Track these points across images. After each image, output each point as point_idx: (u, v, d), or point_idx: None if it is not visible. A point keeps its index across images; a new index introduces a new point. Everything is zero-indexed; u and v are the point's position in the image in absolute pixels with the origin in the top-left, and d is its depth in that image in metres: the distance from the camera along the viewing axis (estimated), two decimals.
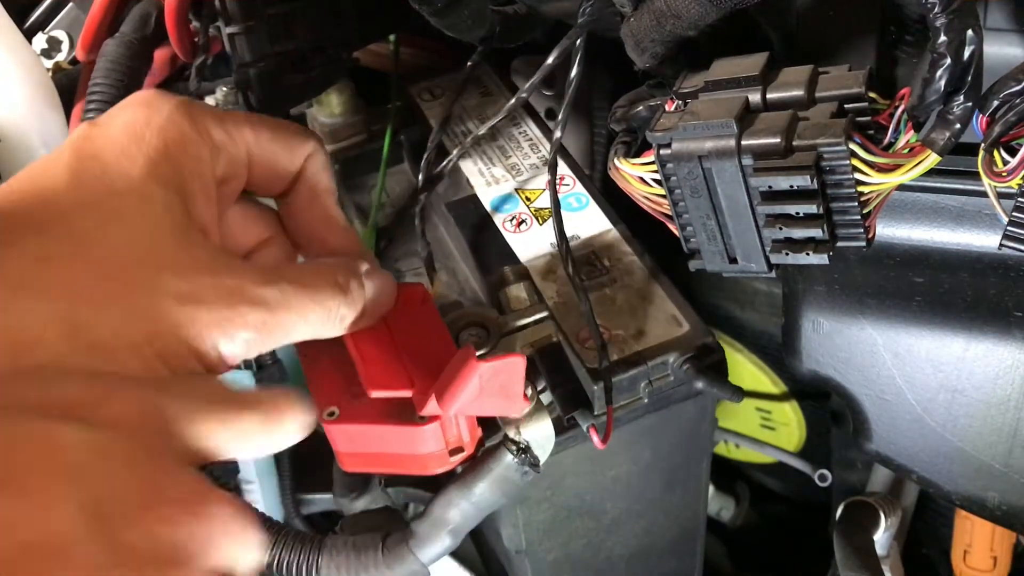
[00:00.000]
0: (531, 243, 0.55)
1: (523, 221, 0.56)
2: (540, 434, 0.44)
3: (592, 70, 0.63)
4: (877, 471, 0.69)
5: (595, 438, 0.45)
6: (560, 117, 0.51)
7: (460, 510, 0.43)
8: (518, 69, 0.71)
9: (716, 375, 0.47)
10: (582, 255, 0.53)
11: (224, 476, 0.68)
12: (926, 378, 0.52)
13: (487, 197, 0.58)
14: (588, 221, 0.55)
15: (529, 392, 0.43)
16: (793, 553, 0.88)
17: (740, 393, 0.46)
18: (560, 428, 0.45)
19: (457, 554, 0.67)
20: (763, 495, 0.92)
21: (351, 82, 0.68)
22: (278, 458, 0.74)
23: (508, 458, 0.43)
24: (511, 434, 0.43)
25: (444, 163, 0.57)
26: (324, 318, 0.37)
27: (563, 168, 0.59)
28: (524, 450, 0.43)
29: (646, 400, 0.48)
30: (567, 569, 0.58)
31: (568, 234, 0.53)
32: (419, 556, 0.43)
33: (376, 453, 0.42)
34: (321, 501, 0.86)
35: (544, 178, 0.56)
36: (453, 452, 0.42)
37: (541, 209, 0.56)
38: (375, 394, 0.40)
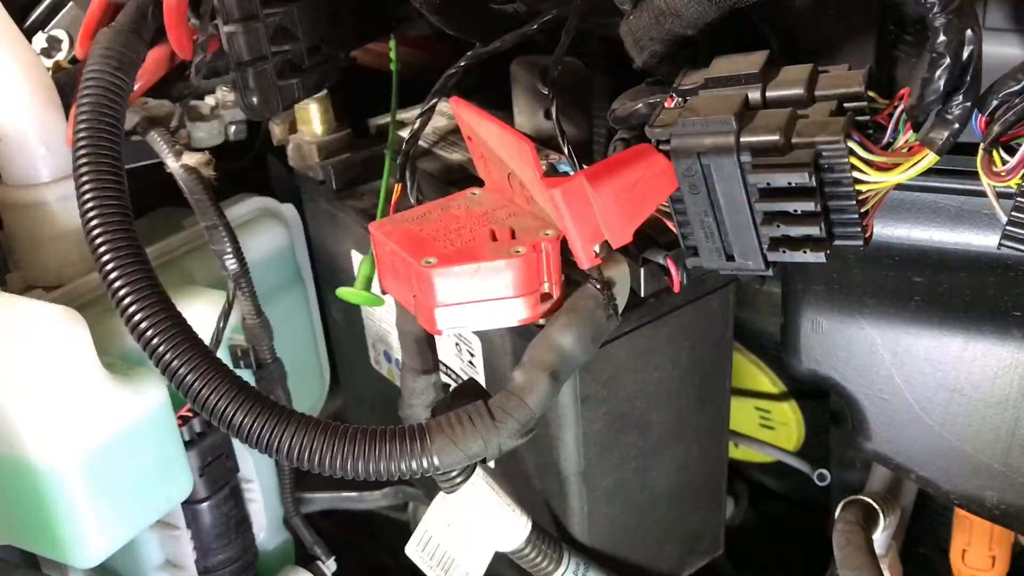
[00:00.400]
0: None
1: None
2: (619, 274, 0.46)
3: (591, 69, 0.63)
4: (876, 470, 0.69)
5: (673, 270, 0.49)
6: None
7: (555, 349, 0.44)
8: (518, 69, 0.71)
9: None
10: None
11: (224, 475, 0.68)
12: (925, 377, 0.52)
13: None
14: None
15: (597, 249, 0.44)
16: (792, 552, 0.88)
17: (762, 277, 0.49)
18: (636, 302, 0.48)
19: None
20: (762, 494, 0.92)
21: (328, 99, 0.70)
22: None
23: (593, 291, 0.45)
24: (594, 276, 0.45)
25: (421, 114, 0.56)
26: None
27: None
28: (607, 285, 0.45)
29: (684, 282, 0.52)
30: (619, 501, 0.62)
31: None
32: (527, 401, 0.43)
33: (471, 303, 0.43)
34: (321, 500, 0.86)
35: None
36: (543, 298, 0.44)
37: None
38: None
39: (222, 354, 0.66)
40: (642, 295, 0.53)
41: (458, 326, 0.44)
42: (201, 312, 0.62)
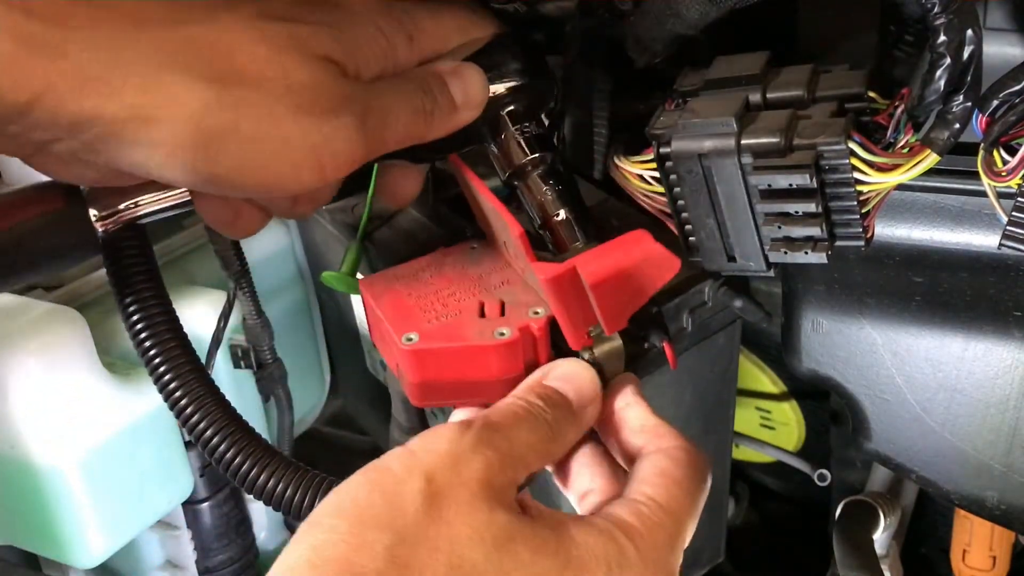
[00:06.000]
0: None
1: None
2: (611, 353, 0.43)
3: (591, 69, 0.63)
4: (876, 470, 0.70)
5: (669, 352, 0.46)
6: None
7: None
8: None
9: (748, 295, 0.51)
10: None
11: (225, 476, 0.68)
12: (925, 378, 0.52)
13: None
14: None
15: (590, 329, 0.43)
16: (793, 552, 0.88)
17: (768, 315, 0.50)
18: (628, 357, 0.45)
19: None
20: (763, 494, 0.92)
21: None
22: None
23: None
24: (585, 356, 0.43)
25: None
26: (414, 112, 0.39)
27: None
28: (598, 368, 0.42)
29: (690, 329, 0.50)
30: None
31: None
32: None
33: (451, 381, 0.42)
34: None
35: None
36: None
37: None
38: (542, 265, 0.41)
39: (222, 354, 0.66)
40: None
41: (439, 402, 0.43)
42: (201, 312, 0.62)
